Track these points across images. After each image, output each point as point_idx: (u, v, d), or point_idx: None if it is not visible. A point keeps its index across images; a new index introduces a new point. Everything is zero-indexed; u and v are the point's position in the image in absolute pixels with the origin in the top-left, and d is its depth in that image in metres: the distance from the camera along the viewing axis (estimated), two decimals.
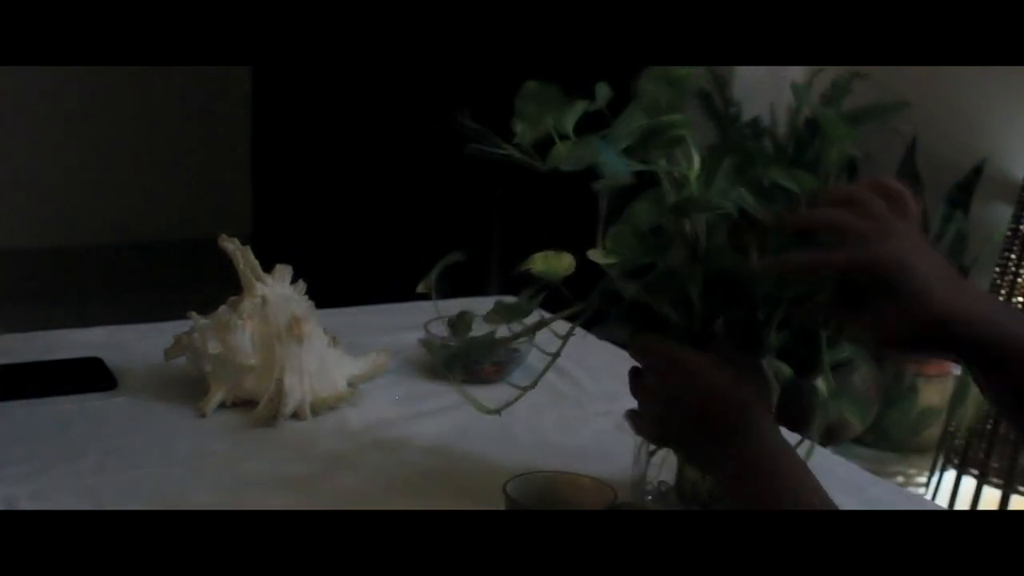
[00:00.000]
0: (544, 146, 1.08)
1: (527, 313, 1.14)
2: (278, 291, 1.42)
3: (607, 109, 1.08)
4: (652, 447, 1.17)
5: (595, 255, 1.08)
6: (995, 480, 2.43)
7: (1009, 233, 2.45)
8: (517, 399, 1.14)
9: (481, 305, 1.20)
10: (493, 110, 1.09)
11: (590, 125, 1.08)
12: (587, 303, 1.11)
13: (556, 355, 1.16)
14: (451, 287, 1.32)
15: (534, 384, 1.18)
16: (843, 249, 0.97)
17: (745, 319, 1.09)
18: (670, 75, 1.09)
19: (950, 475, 2.51)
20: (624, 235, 1.08)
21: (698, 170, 1.08)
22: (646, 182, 1.09)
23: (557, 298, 1.13)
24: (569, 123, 1.07)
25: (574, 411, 1.45)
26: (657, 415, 1.04)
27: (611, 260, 1.07)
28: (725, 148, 1.09)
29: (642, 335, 1.05)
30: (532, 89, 1.09)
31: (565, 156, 1.06)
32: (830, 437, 2.60)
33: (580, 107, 1.08)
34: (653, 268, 1.09)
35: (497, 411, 1.19)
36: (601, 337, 1.11)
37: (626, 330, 1.10)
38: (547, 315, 1.16)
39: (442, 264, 1.15)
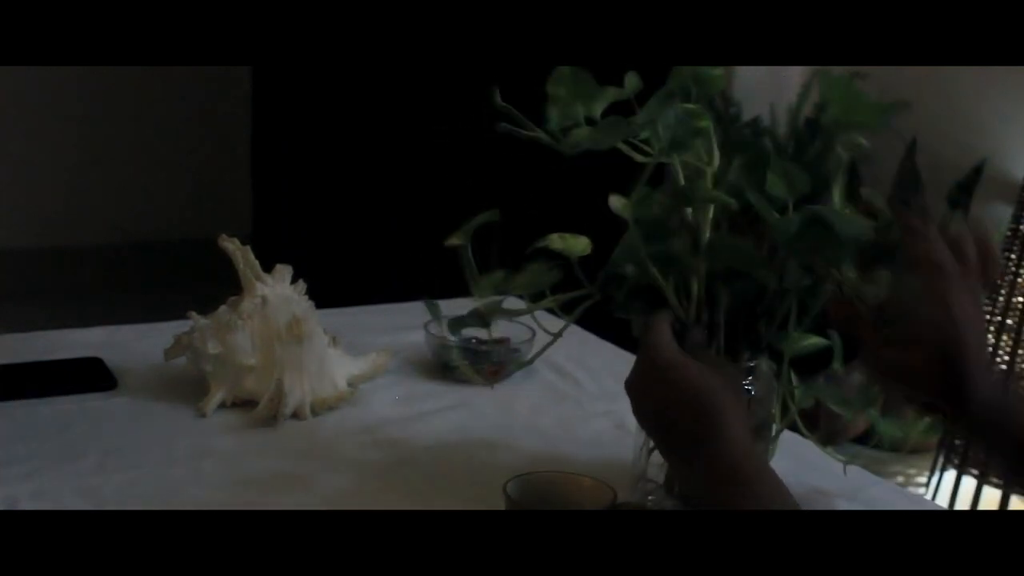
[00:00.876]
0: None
1: (550, 282, 1.13)
2: (278, 291, 1.42)
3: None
4: (652, 447, 1.17)
5: (617, 202, 1.07)
6: (995, 480, 2.43)
7: (1009, 233, 2.44)
8: (518, 369, 1.12)
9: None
10: (492, 111, 1.09)
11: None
12: (592, 287, 1.11)
13: (558, 335, 1.16)
14: (450, 287, 1.32)
15: (534, 359, 1.19)
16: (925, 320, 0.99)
17: (744, 314, 1.09)
18: (699, 74, 1.08)
19: (950, 475, 2.51)
20: (648, 198, 1.08)
21: (716, 168, 1.08)
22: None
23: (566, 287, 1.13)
24: (599, 108, 1.07)
25: (574, 411, 1.45)
26: (641, 413, 1.05)
27: (628, 210, 1.07)
28: (738, 147, 1.09)
29: (651, 320, 1.05)
30: (566, 73, 1.08)
31: (588, 138, 1.05)
32: (830, 437, 2.60)
33: (611, 94, 1.07)
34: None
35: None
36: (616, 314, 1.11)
37: (636, 311, 1.09)
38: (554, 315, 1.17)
39: (480, 220, 1.15)
